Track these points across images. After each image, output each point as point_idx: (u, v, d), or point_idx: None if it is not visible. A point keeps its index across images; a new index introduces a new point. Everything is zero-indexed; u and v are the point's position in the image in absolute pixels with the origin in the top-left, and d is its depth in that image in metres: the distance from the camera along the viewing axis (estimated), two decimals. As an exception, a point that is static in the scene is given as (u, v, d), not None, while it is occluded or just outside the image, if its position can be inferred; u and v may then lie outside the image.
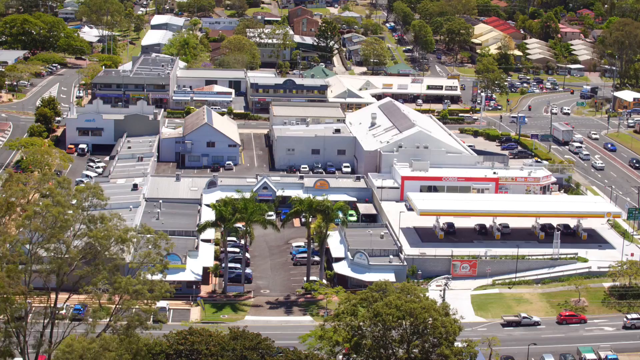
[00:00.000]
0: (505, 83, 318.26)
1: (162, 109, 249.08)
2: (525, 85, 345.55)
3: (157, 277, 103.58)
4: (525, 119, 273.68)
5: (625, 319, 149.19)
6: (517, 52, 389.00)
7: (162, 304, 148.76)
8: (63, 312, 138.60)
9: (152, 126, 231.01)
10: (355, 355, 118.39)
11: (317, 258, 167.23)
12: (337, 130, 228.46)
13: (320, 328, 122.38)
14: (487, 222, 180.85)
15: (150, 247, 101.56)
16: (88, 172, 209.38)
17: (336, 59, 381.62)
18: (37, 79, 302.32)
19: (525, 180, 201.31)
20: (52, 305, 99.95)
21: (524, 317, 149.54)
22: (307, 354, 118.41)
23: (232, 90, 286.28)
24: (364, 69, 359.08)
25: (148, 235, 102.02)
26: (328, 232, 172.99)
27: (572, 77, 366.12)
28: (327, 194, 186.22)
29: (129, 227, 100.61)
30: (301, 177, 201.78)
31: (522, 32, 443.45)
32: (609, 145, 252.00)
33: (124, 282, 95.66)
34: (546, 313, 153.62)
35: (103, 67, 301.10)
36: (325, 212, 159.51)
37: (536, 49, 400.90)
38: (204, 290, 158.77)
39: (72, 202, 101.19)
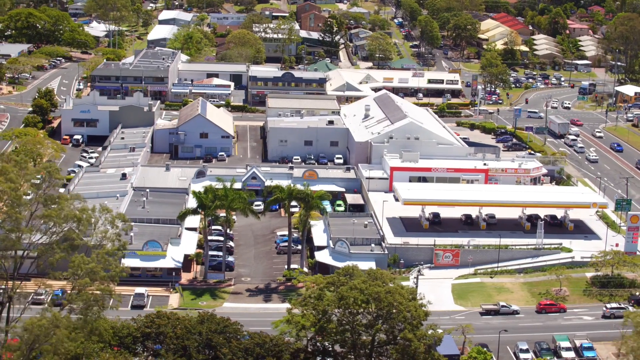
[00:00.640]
0: (510, 78, 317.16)
1: (159, 101, 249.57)
2: (530, 80, 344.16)
3: (114, 257, 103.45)
4: (541, 114, 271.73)
5: (604, 309, 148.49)
6: (524, 48, 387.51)
7: (141, 290, 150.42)
8: (42, 297, 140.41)
9: (146, 117, 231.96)
10: (321, 339, 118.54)
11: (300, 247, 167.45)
12: (331, 122, 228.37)
13: (288, 312, 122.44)
14: (474, 212, 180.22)
15: (108, 226, 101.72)
16: (80, 162, 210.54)
17: (342, 54, 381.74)
18: (40, 72, 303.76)
19: (515, 171, 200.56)
20: (10, 287, 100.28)
21: (503, 306, 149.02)
22: (272, 337, 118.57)
23: (231, 83, 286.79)
24: (370, 64, 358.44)
25: (105, 215, 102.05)
26: (314, 222, 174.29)
27: (578, 72, 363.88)
28: (316, 184, 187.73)
29: (86, 207, 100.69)
30: (291, 168, 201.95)
31: (530, 28, 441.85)
32: (615, 145, 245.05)
33: (77, 260, 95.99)
34: (526, 302, 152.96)
35: (105, 60, 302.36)
36: (306, 200, 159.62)
37: (543, 44, 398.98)
38: (185, 277, 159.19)
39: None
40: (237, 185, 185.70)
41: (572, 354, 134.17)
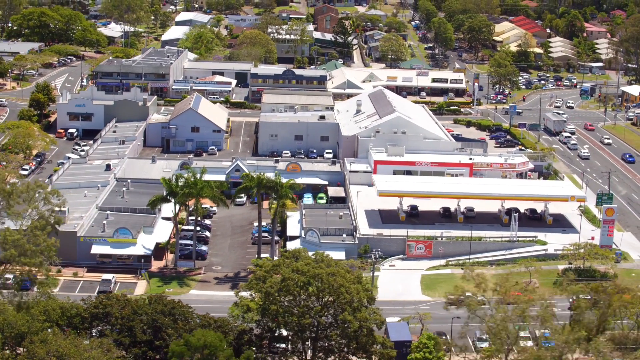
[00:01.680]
0: (519, 79, 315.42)
1: (155, 96, 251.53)
2: (542, 82, 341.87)
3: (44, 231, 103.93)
4: (564, 115, 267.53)
5: (570, 300, 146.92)
6: (538, 50, 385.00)
7: (108, 276, 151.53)
8: (10, 282, 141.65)
9: (141, 112, 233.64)
10: (272, 323, 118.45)
11: (276, 237, 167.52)
12: (322, 117, 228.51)
13: (235, 295, 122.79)
14: (453, 205, 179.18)
15: (41, 202, 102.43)
16: (71, 155, 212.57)
17: (356, 55, 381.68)
18: (47, 69, 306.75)
19: (500, 166, 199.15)
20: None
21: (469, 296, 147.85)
22: (216, 319, 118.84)
23: (233, 81, 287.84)
24: (383, 65, 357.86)
25: (39, 191, 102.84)
26: (290, 213, 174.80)
27: (593, 75, 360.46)
28: (300, 177, 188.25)
29: (16, 183, 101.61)
30: (276, 161, 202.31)
31: (548, 31, 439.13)
32: (627, 156, 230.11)
33: (3, 234, 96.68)
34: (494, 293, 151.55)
35: (110, 57, 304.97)
36: (275, 189, 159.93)
37: (559, 47, 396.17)
38: (156, 265, 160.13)
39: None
40: (221, 177, 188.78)
41: (529, 343, 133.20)
